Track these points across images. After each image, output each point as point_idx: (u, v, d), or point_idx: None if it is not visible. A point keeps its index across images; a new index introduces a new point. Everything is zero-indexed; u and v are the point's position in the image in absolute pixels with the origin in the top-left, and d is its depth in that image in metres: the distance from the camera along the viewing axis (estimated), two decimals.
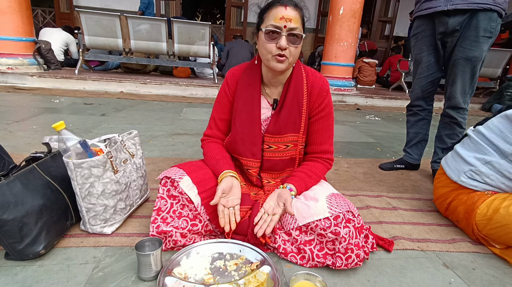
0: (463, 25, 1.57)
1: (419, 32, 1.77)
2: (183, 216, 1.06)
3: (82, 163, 1.00)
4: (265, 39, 1.01)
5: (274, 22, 0.98)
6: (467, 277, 1.03)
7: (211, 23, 4.73)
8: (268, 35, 1.00)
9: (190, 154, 2.07)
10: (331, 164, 1.22)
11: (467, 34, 1.58)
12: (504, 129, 1.19)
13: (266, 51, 1.03)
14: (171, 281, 0.88)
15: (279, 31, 0.99)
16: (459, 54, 1.62)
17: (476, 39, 1.57)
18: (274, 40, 1.00)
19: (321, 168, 1.18)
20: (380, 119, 3.90)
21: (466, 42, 1.59)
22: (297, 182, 1.11)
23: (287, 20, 0.97)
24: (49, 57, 4.75)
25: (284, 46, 0.99)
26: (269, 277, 0.91)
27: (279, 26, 0.98)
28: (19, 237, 0.91)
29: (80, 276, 0.91)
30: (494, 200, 1.16)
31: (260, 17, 1.06)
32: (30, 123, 2.51)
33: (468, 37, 1.58)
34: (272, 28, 0.99)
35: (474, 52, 1.59)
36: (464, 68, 1.63)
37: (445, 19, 1.59)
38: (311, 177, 1.14)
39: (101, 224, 1.10)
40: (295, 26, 0.99)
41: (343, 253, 0.96)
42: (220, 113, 1.23)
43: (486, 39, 1.57)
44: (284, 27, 0.98)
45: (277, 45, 1.00)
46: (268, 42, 1.01)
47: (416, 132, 1.98)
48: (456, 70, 1.66)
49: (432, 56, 1.75)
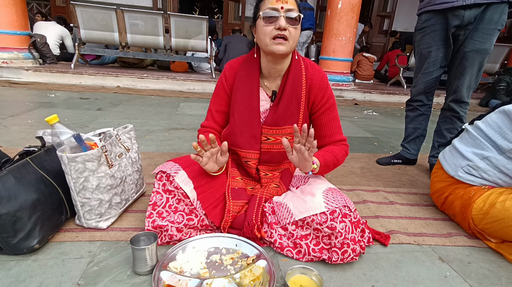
0: (477, 17, 1.56)
1: (427, 26, 1.72)
2: (179, 211, 1.05)
3: (76, 157, 0.99)
4: (264, 23, 1.01)
5: (271, 5, 1.00)
6: (462, 271, 1.03)
7: (208, 17, 4.68)
8: (266, 19, 1.01)
9: (187, 149, 2.06)
10: (348, 148, 1.22)
11: (479, 27, 1.57)
12: (503, 126, 1.19)
13: (264, 35, 1.02)
14: (167, 275, 0.87)
15: (277, 12, 0.99)
16: (470, 46, 1.61)
17: (488, 32, 1.57)
18: (272, 23, 1.01)
19: (339, 149, 1.18)
20: (378, 115, 3.90)
21: (477, 34, 1.58)
22: (321, 156, 1.10)
23: (284, 2, 0.99)
24: (45, 51, 4.70)
25: (283, 26, 0.99)
26: (265, 271, 0.91)
27: (276, 7, 0.99)
28: (12, 232, 0.90)
29: (75, 270, 0.90)
30: (491, 195, 1.16)
31: (256, 7, 1.07)
32: (25, 118, 2.49)
33: (481, 29, 1.57)
34: (269, 11, 1.00)
35: (485, 44, 1.59)
36: (474, 61, 1.63)
37: (460, 13, 1.57)
38: (332, 155, 1.13)
39: (96, 219, 1.09)
40: (291, 7, 1.00)
41: (339, 247, 0.96)
42: (217, 106, 1.22)
43: (496, 31, 1.58)
44: (281, 8, 0.99)
45: (275, 27, 1.00)
46: (266, 26, 1.01)
47: (415, 128, 1.97)
48: (465, 63, 1.64)
49: (440, 51, 1.72)
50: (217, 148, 1.05)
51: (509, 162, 1.16)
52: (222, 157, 1.07)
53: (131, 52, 4.80)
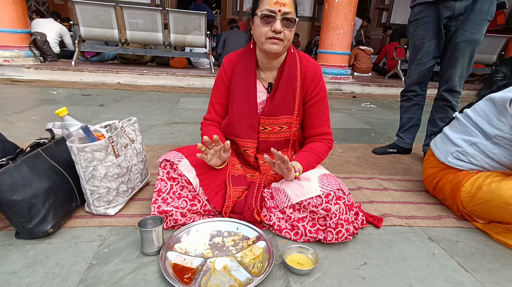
0: (467, 9, 1.62)
1: (420, 18, 1.77)
2: (182, 197, 1.11)
3: (85, 147, 1.05)
4: (260, 23, 1.06)
5: (269, 6, 1.04)
6: (450, 249, 1.10)
7: (206, 12, 4.71)
8: (263, 19, 1.05)
9: (188, 142, 2.12)
10: (332, 144, 1.28)
11: (470, 17, 1.63)
12: (489, 113, 1.25)
13: (260, 34, 1.08)
14: (173, 255, 0.94)
15: (274, 15, 1.04)
16: (461, 37, 1.67)
17: (478, 22, 1.63)
18: (269, 24, 1.05)
19: (322, 146, 1.24)
20: (375, 107, 3.95)
21: (468, 25, 1.64)
22: (302, 159, 1.17)
23: (281, 5, 1.03)
24: (45, 49, 4.74)
25: (279, 29, 1.04)
26: (264, 251, 0.98)
27: (274, 10, 1.03)
28: (28, 217, 0.97)
29: (87, 252, 0.97)
30: (478, 178, 1.22)
31: (255, 3, 1.11)
32: (30, 114, 2.54)
33: (471, 20, 1.63)
34: (267, 12, 1.04)
35: (476, 35, 1.65)
36: (465, 51, 1.69)
37: (451, 4, 1.63)
38: (314, 153, 1.20)
39: (104, 205, 1.15)
40: (288, 10, 1.04)
41: (334, 228, 1.02)
42: (218, 98, 1.28)
43: (486, 22, 1.64)
44: (279, 11, 1.03)
45: (271, 29, 1.05)
46: (263, 26, 1.06)
47: (409, 117, 2.03)
48: (457, 53, 1.70)
49: (432, 42, 1.77)
50: (220, 146, 1.10)
51: (495, 147, 1.22)
52: (225, 153, 1.13)
53: (131, 48, 4.84)
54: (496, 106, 1.21)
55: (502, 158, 1.22)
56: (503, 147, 1.21)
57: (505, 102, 1.16)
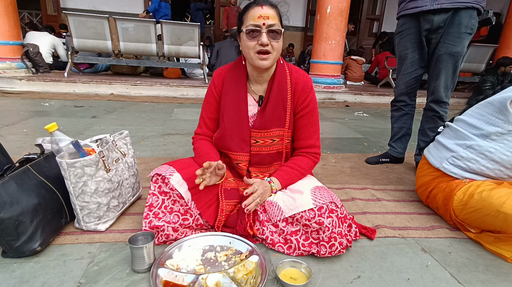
0: (446, 22, 1.66)
1: (403, 30, 1.84)
2: (174, 211, 1.10)
3: (75, 162, 1.04)
4: (247, 38, 1.07)
5: (253, 21, 1.05)
6: (443, 260, 1.10)
7: (200, 23, 4.75)
8: (249, 34, 1.06)
9: (181, 153, 2.11)
10: (318, 157, 1.27)
11: (450, 31, 1.67)
12: (484, 113, 1.26)
13: (248, 49, 1.09)
14: (164, 272, 0.92)
15: (259, 29, 1.05)
16: (443, 50, 1.71)
17: (459, 35, 1.66)
18: (255, 38, 1.06)
19: (306, 161, 1.24)
20: (368, 116, 3.99)
21: (449, 38, 1.68)
22: (282, 176, 1.17)
23: (265, 18, 1.04)
24: (38, 61, 4.72)
25: (265, 42, 1.05)
26: (257, 266, 0.97)
27: (258, 24, 1.05)
28: (15, 235, 0.94)
29: (76, 270, 0.95)
30: (470, 187, 1.23)
31: (240, 20, 1.12)
32: (21, 127, 2.51)
33: (451, 33, 1.67)
34: (252, 27, 1.05)
35: (457, 47, 1.68)
36: (447, 63, 1.72)
37: (430, 17, 1.68)
38: (296, 169, 1.20)
39: (95, 221, 1.13)
40: (273, 22, 1.05)
41: (327, 241, 1.02)
42: (208, 113, 1.28)
43: (467, 35, 1.67)
44: (263, 24, 1.04)
45: (258, 42, 1.06)
46: (250, 41, 1.07)
47: (400, 127, 2.06)
48: (440, 65, 1.74)
49: (416, 53, 1.82)
50: (215, 165, 1.09)
51: (493, 145, 1.22)
52: (220, 170, 1.12)
53: (124, 59, 4.84)
54: (495, 106, 1.23)
55: (501, 155, 1.21)
56: (501, 142, 1.21)
57: (506, 101, 1.19)
